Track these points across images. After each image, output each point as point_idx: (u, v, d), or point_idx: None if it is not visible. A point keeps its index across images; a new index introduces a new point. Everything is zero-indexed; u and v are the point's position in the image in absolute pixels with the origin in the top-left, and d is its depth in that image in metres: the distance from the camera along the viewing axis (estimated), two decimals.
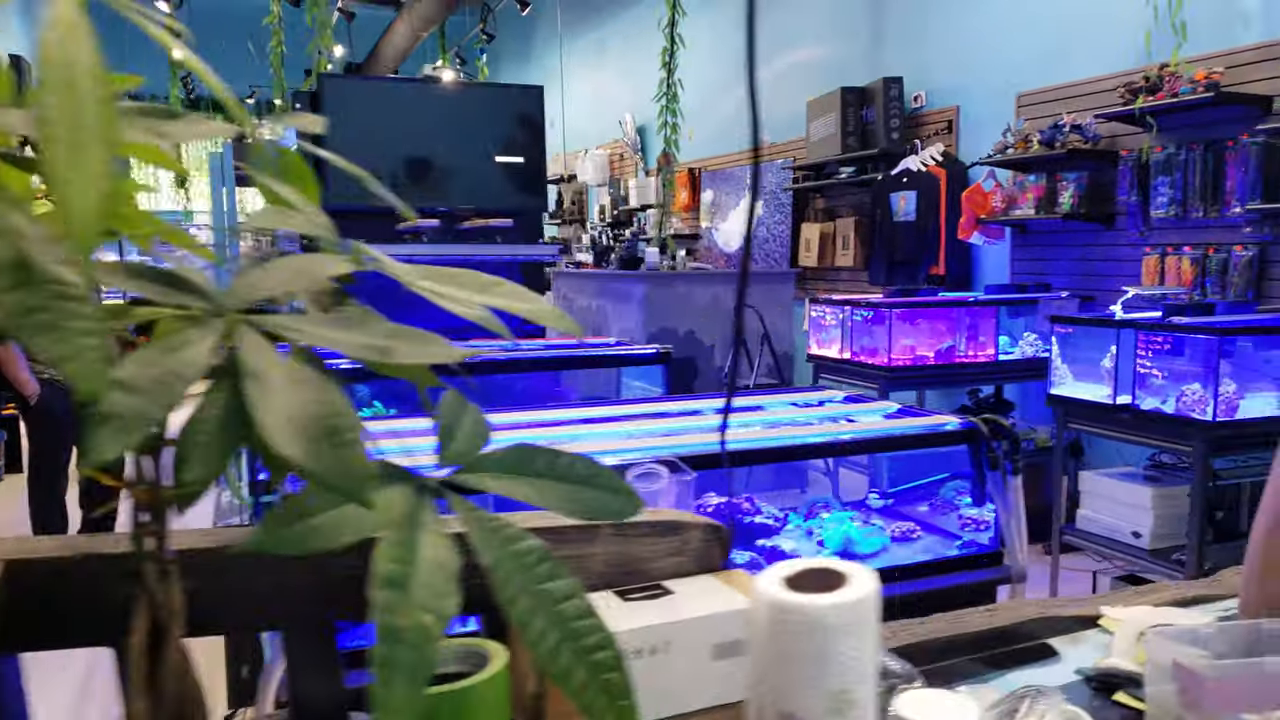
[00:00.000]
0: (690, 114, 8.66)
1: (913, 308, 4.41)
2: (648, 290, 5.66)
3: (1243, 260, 4.02)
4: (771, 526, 1.70)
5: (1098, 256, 4.73)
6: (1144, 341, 3.11)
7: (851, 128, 6.01)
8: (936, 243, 5.40)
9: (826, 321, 4.69)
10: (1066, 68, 4.83)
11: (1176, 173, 4.22)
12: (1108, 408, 3.23)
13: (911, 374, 4.35)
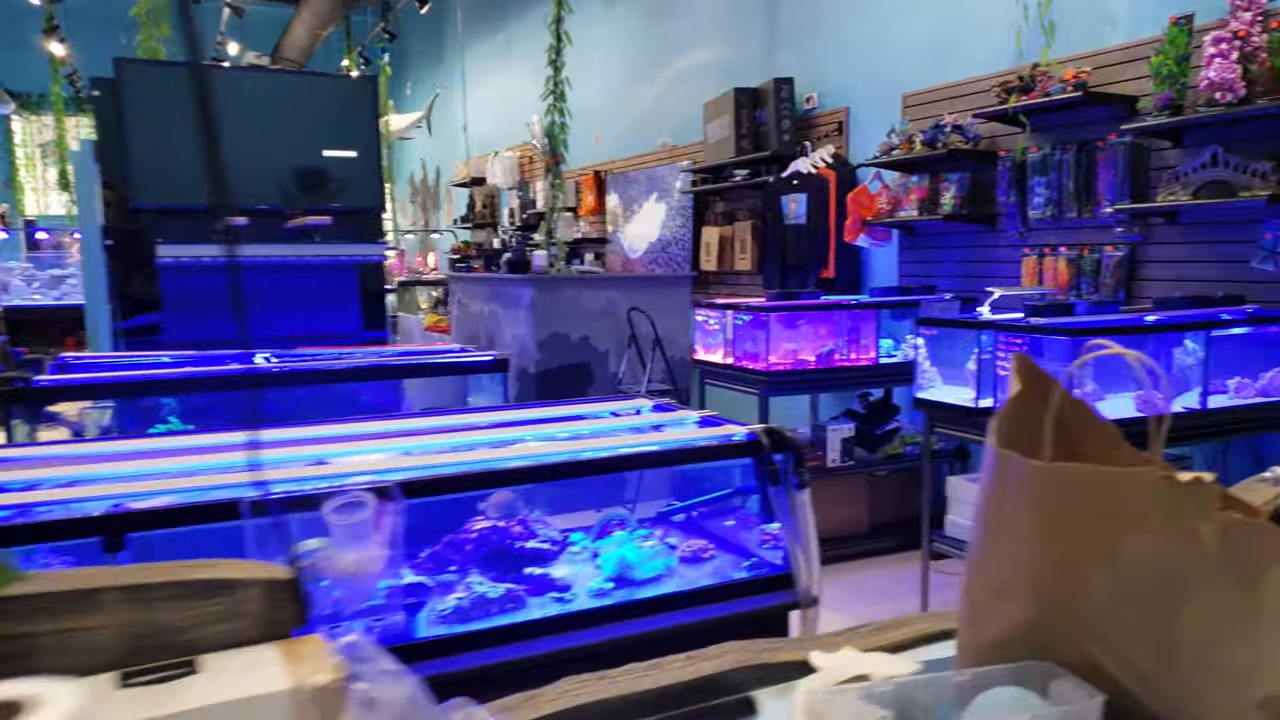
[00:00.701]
0: (597, 116, 8.55)
1: (791, 311, 4.33)
2: (535, 295, 5.50)
3: (1114, 260, 4.02)
4: (546, 551, 1.56)
5: (980, 258, 4.71)
6: (1003, 343, 3.06)
7: (745, 130, 5.94)
8: (826, 245, 5.35)
9: (710, 326, 4.59)
10: (950, 68, 4.81)
11: (1052, 173, 4.21)
12: (971, 411, 3.18)
13: (792, 379, 4.27)
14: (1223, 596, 0.71)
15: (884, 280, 5.34)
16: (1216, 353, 3.38)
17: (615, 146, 8.22)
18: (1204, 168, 3.57)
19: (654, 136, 7.52)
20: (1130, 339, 3.19)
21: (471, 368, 2.74)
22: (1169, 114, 3.58)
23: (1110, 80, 3.99)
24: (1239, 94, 3.36)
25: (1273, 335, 3.42)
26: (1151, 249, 3.93)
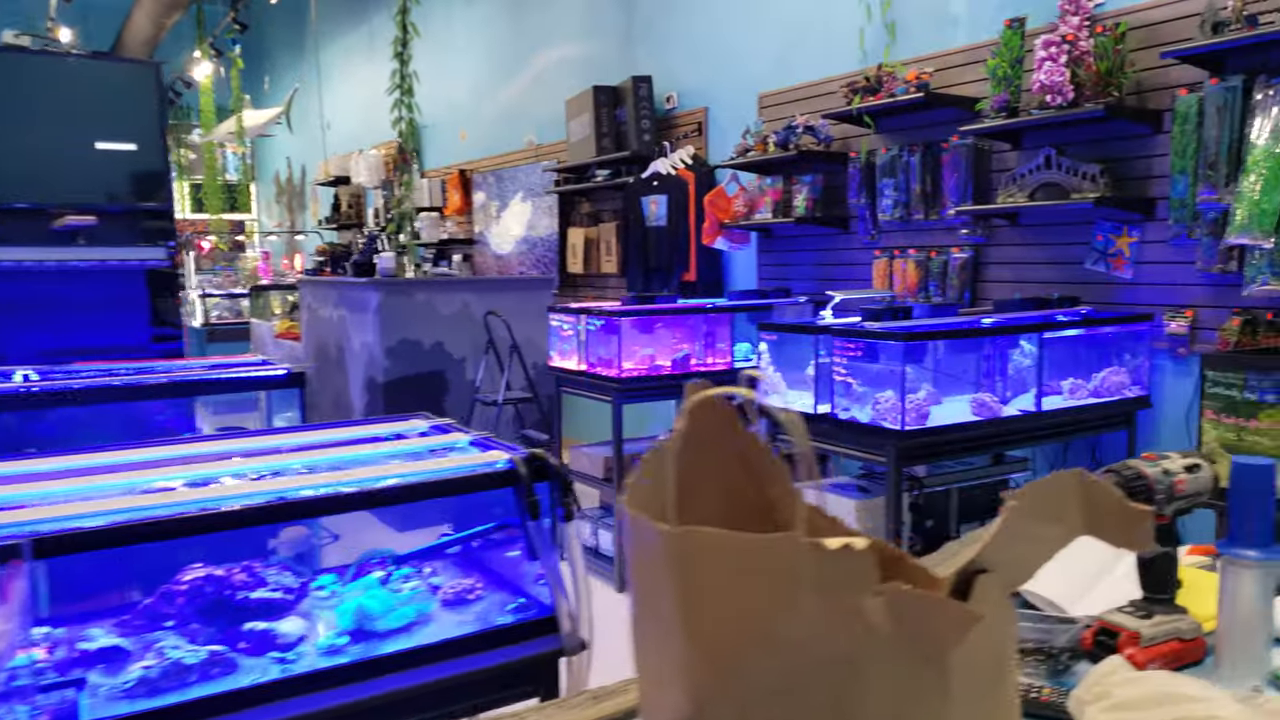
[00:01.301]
0: (463, 113, 8.28)
1: (644, 316, 4.20)
2: (382, 299, 5.24)
3: (960, 262, 4.03)
4: (278, 602, 1.37)
5: (835, 260, 4.69)
6: (838, 348, 2.98)
7: (606, 129, 5.80)
8: (688, 248, 5.25)
9: (565, 332, 4.42)
10: (802, 68, 4.77)
11: (900, 175, 4.20)
12: (810, 417, 3.10)
13: (646, 385, 4.14)
14: (906, 679, 0.58)
15: (745, 283, 5.28)
16: (1051, 354, 3.40)
17: (482, 144, 7.98)
18: (1038, 170, 3.59)
19: (520, 134, 7.31)
20: (963, 343, 3.17)
21: (263, 383, 2.49)
22: (1005, 116, 3.60)
23: (953, 82, 4.00)
24: (1068, 97, 3.38)
25: (1105, 336, 3.46)
26: (995, 250, 3.96)
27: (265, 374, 2.51)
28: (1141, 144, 3.43)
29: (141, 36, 10.51)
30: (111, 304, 2.78)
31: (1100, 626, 1.03)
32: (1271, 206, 2.97)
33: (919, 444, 2.86)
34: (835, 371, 3.01)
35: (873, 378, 2.92)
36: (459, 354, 5.46)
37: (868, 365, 2.91)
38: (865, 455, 2.98)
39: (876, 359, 2.88)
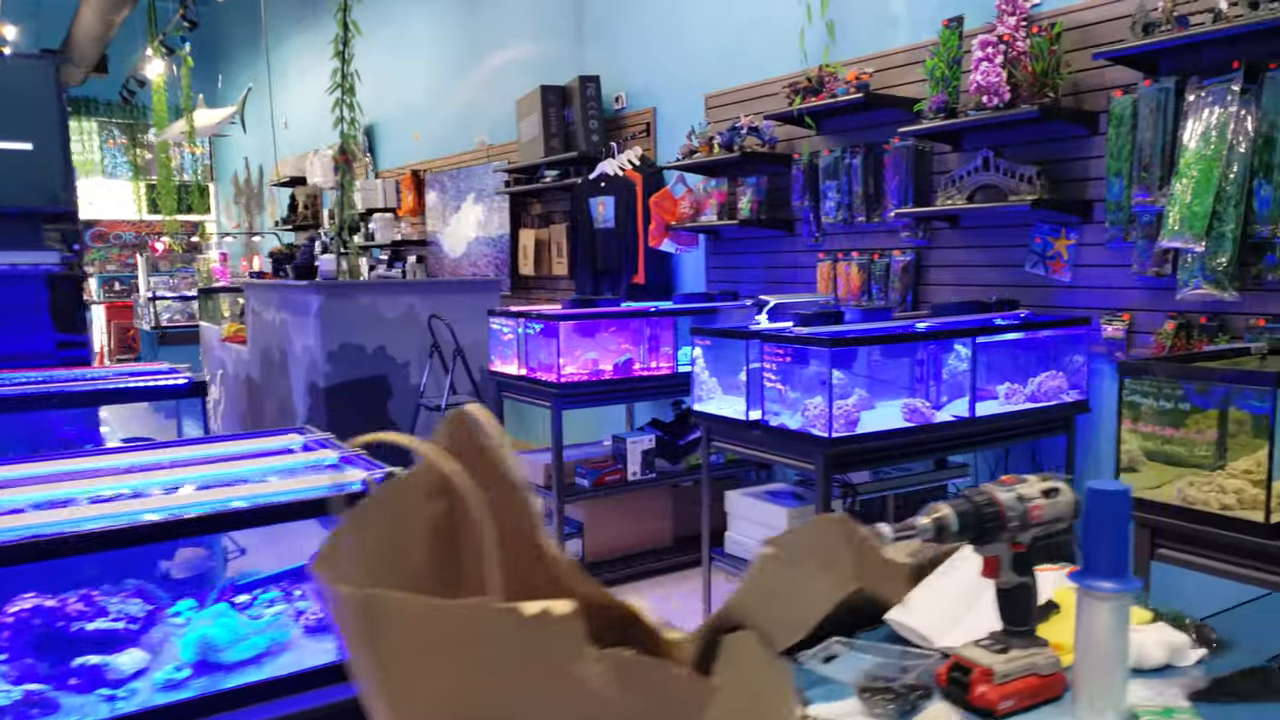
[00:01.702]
0: (418, 113, 8.17)
1: (584, 320, 4.13)
2: (323, 302, 5.13)
3: (901, 265, 3.99)
4: (119, 633, 1.28)
5: (781, 263, 4.64)
6: (767, 354, 2.93)
7: (554, 129, 5.72)
8: (636, 250, 5.18)
9: (505, 336, 4.34)
10: (748, 68, 4.72)
11: (842, 177, 4.16)
12: (741, 424, 3.04)
13: (586, 390, 4.07)
14: None
15: (694, 285, 5.22)
16: (988, 359, 3.37)
17: (435, 145, 7.87)
18: (976, 172, 3.56)
19: (473, 135, 7.21)
20: (896, 348, 3.12)
21: (161, 393, 2.40)
22: (943, 117, 3.56)
23: (894, 83, 3.96)
24: (1004, 98, 3.35)
25: (1044, 340, 3.43)
26: (937, 253, 3.92)
27: (164, 384, 2.41)
28: (1079, 146, 3.41)
29: (91, 33, 10.29)
30: (9, 310, 2.67)
31: (955, 662, 0.97)
32: (1203, 210, 2.95)
33: (847, 451, 2.81)
34: (765, 377, 2.95)
35: (802, 384, 2.87)
36: (403, 358, 5.36)
37: (796, 370, 2.86)
38: (795, 463, 2.93)
39: (805, 364, 2.83)
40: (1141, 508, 2.07)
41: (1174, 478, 2.08)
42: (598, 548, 4.30)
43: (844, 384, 2.97)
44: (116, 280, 13.92)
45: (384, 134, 8.87)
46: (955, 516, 0.95)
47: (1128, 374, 2.08)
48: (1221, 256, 2.93)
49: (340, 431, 5.25)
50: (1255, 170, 2.87)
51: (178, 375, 2.48)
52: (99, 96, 13.46)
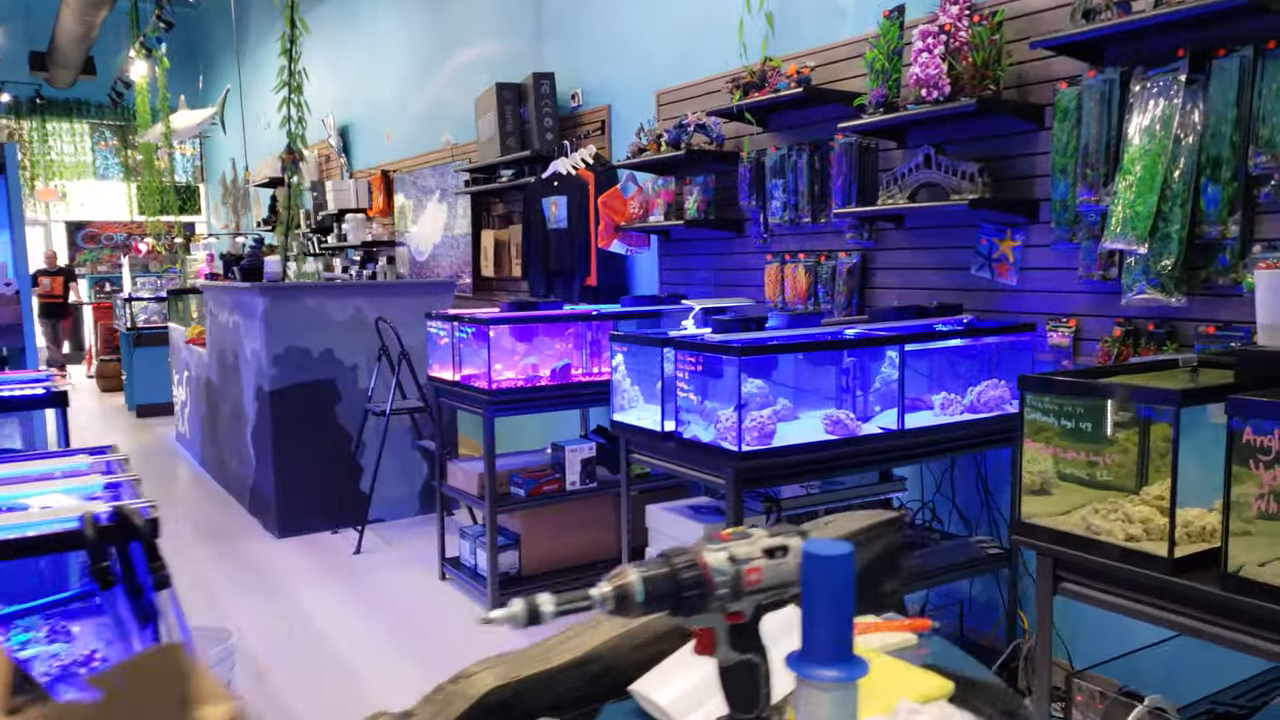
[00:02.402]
0: (389, 113, 8.03)
1: (517, 324, 3.97)
2: (268, 304, 4.99)
3: (846, 268, 3.81)
4: None
5: (730, 265, 4.46)
6: (679, 361, 2.76)
7: (510, 127, 5.56)
8: (589, 251, 5.01)
9: (442, 340, 4.18)
10: (697, 64, 4.55)
11: (789, 175, 3.98)
12: (657, 435, 2.87)
13: (519, 397, 3.90)
14: None
15: (649, 288, 5.05)
16: (924, 367, 3.19)
17: (405, 144, 7.73)
18: (917, 169, 3.37)
19: (439, 133, 7.06)
20: (820, 355, 2.94)
21: (14, 404, 2.25)
22: (883, 111, 3.38)
23: (839, 77, 3.78)
24: (944, 91, 3.16)
25: (987, 347, 3.24)
26: (882, 255, 3.74)
27: (19, 394, 2.27)
28: (1025, 141, 3.22)
29: (72, 34, 10.23)
30: None
31: None
32: (1146, 209, 2.75)
33: (760, 466, 2.63)
34: (678, 387, 2.78)
35: (715, 393, 2.70)
36: (351, 361, 5.21)
37: (709, 380, 2.69)
38: (707, 477, 2.75)
39: (718, 373, 2.65)
40: (1043, 536, 1.89)
41: (1082, 503, 1.89)
42: (534, 560, 4.13)
43: (761, 394, 2.80)
44: (107, 281, 13.87)
45: (358, 134, 8.73)
46: (641, 584, 0.78)
47: (1027, 389, 1.89)
48: (1166, 259, 2.74)
49: (287, 437, 5.13)
50: (1203, 167, 2.68)
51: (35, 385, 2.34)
52: (90, 98, 13.41)
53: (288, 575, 4.51)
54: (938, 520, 3.47)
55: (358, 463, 5.16)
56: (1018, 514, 1.93)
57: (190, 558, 4.81)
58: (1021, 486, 1.91)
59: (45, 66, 11.78)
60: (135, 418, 9.02)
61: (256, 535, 5.14)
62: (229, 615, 3.99)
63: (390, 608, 4.06)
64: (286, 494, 5.07)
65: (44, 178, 13.56)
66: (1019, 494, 1.92)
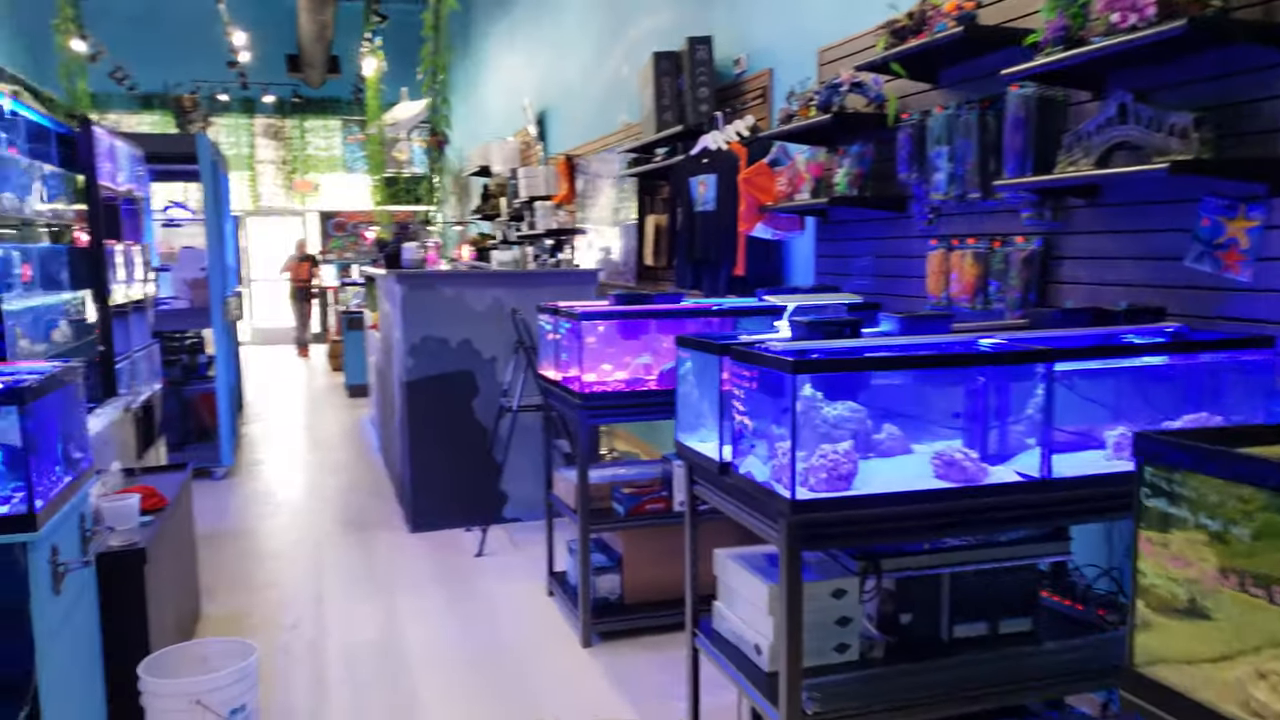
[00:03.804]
0: (574, 97, 7.78)
1: (616, 319, 3.48)
2: (405, 293, 4.82)
3: (1022, 256, 2.99)
4: None
5: (892, 252, 3.71)
6: (732, 376, 2.15)
7: (667, 100, 5.06)
8: (736, 236, 4.42)
9: (549, 335, 3.77)
10: (868, 12, 3.81)
11: (957, 140, 3.19)
12: (715, 466, 2.28)
13: (614, 402, 3.41)
14: None
15: (804, 279, 4.39)
16: (1108, 391, 2.36)
17: (587, 127, 7.44)
18: (1109, 124, 2.52)
19: (616, 114, 6.69)
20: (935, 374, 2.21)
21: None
22: (1062, 49, 2.55)
23: (1019, 14, 2.95)
24: (1147, 14, 2.31)
25: (1197, 368, 2.36)
26: (1069, 240, 2.89)
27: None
28: (1266, 80, 2.29)
29: (311, 34, 10.88)
30: None
31: None
32: None
33: (826, 520, 1.98)
34: (734, 407, 2.18)
35: (770, 418, 2.07)
36: (489, 353, 4.95)
37: (767, 400, 2.06)
38: (759, 527, 2.13)
39: (777, 391, 2.02)
40: (1170, 704, 1.14)
41: (1236, 655, 1.12)
42: (638, 586, 3.63)
43: (850, 420, 2.13)
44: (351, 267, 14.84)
45: (552, 120, 8.57)
46: None
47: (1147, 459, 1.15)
48: None
49: (423, 429, 4.95)
50: None
51: (29, 377, 2.16)
52: (341, 96, 14.36)
53: (401, 572, 4.31)
54: (1124, 593, 2.60)
55: (494, 459, 4.89)
56: (1130, 653, 1.19)
57: (325, 543, 4.75)
58: (1134, 611, 1.17)
59: (298, 68, 12.70)
60: (347, 397, 9.43)
61: (393, 527, 5.01)
62: (325, 608, 3.82)
63: (484, 623, 3.72)
64: (420, 488, 4.89)
65: (301, 171, 14.71)
66: (1130, 630, 1.17)
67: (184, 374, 6.20)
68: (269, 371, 11.79)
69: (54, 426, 2.23)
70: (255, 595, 4.01)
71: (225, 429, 5.96)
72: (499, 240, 9.93)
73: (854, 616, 2.30)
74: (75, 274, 3.37)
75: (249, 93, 13.19)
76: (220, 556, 4.54)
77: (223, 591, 4.06)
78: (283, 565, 4.44)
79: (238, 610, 3.85)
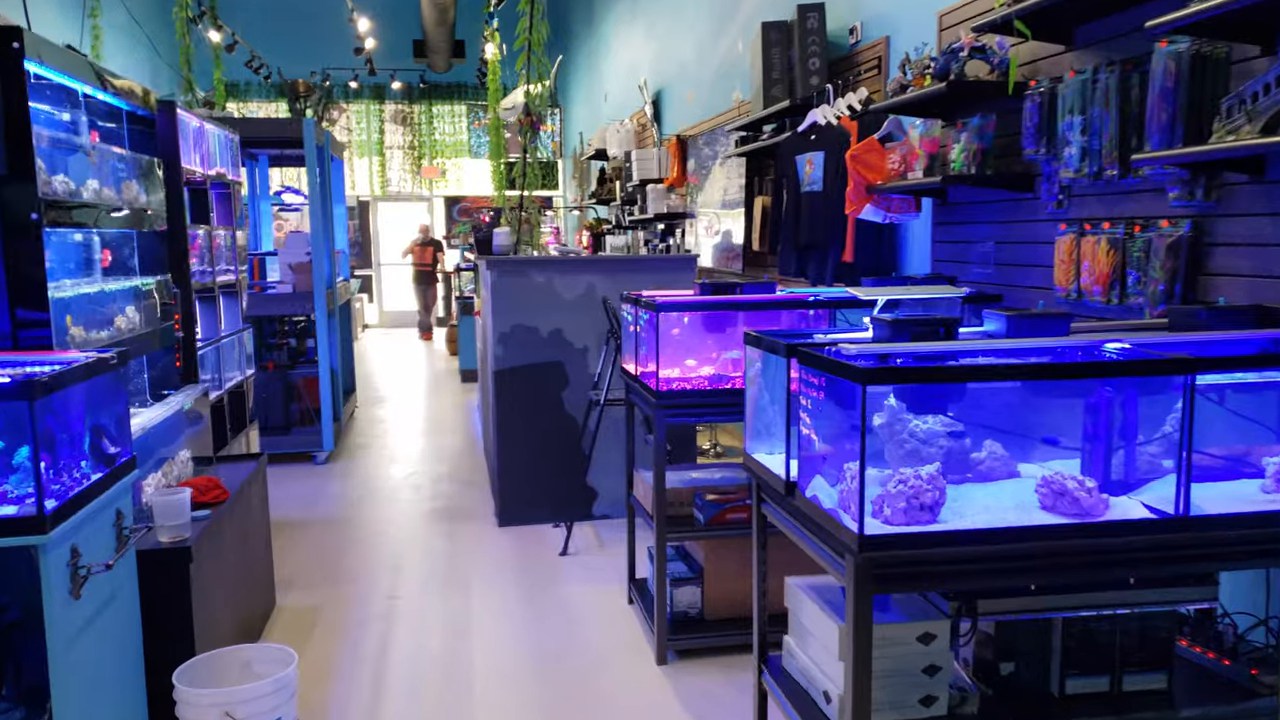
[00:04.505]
0: (689, 74, 7.48)
1: (695, 309, 3.19)
2: (495, 279, 4.66)
3: (1167, 243, 2.54)
4: None
5: (1016, 237, 3.29)
6: (799, 382, 1.84)
7: (777, 73, 4.71)
8: (845, 220, 4.05)
9: (631, 327, 3.52)
10: None
11: (1092, 108, 2.76)
12: (781, 484, 1.97)
13: (691, 401, 3.12)
14: None
15: (920, 267, 3.98)
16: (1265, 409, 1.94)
17: (701, 106, 7.14)
18: (1278, 84, 2.06)
19: (731, 90, 6.36)
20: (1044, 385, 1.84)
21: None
22: None
23: None
24: None
25: None
26: (1225, 224, 2.43)
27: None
28: None
29: (432, 19, 10.95)
30: None
31: None
32: None
33: (904, 559, 1.66)
34: (800, 419, 1.87)
35: (840, 433, 1.76)
36: (581, 343, 4.74)
37: (837, 412, 1.75)
38: (826, 560, 1.82)
39: (847, 403, 1.71)
40: None
41: None
42: (720, 601, 3.35)
43: (930, 438, 1.80)
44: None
45: (667, 99, 8.30)
46: None
47: None
48: None
49: (511, 421, 4.80)
50: None
51: (46, 370, 2.07)
52: (467, 81, 14.49)
53: (481, 569, 4.17)
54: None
55: (585, 453, 4.68)
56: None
57: (412, 534, 4.67)
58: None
59: (424, 53, 12.85)
60: (460, 382, 9.47)
61: (482, 519, 4.89)
62: (398, 605, 3.71)
63: (558, 630, 3.52)
64: (508, 480, 4.75)
65: (429, 157, 14.95)
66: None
67: (290, 358, 6.27)
68: (390, 355, 12.03)
69: (77, 421, 2.14)
70: (332, 590, 3.94)
71: (327, 414, 5.99)
72: (613, 225, 9.77)
73: (943, 665, 1.96)
74: (152, 259, 3.34)
75: (378, 79, 13.44)
76: (305, 545, 4.52)
77: (300, 584, 4.01)
78: (365, 556, 4.38)
79: (312, 605, 3.79)
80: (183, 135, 3.70)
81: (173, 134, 3.62)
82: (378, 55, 12.44)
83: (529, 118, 5.12)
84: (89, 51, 8.70)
